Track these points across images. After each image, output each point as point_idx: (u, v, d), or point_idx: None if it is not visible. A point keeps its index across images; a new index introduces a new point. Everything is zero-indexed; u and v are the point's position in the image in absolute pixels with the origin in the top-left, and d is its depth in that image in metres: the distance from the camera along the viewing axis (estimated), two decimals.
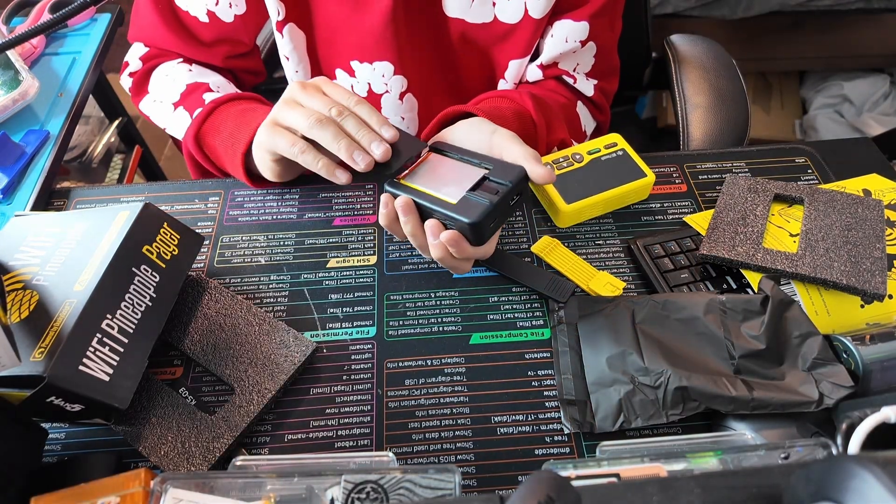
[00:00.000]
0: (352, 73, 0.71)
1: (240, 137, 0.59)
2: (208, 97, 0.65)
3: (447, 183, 0.51)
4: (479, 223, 0.47)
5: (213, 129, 0.62)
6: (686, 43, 0.89)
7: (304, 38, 0.70)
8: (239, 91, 0.67)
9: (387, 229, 0.53)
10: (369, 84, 0.71)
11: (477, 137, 0.54)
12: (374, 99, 0.73)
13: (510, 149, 0.51)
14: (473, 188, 0.50)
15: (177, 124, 0.67)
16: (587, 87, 0.72)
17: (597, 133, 0.79)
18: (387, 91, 0.72)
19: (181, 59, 0.70)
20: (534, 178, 0.49)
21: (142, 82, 0.71)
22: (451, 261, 0.51)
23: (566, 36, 0.67)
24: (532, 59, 0.70)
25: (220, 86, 0.69)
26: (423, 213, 0.51)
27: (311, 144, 0.52)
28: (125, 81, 0.73)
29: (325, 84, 0.54)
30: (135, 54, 0.71)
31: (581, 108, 0.73)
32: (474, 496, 0.32)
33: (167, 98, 0.68)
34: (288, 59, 0.70)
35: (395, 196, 0.51)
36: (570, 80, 0.71)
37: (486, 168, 0.51)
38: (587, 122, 0.75)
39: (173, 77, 0.68)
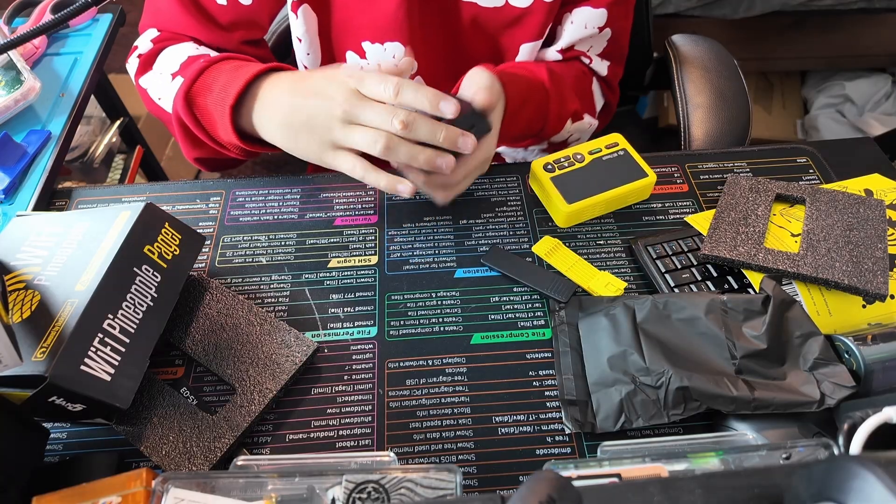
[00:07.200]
0: (363, 54, 0.71)
1: (230, 91, 0.57)
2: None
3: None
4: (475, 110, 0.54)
5: (204, 89, 0.59)
6: (687, 43, 0.89)
7: (317, 20, 0.70)
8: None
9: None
10: (379, 66, 0.71)
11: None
12: None
13: (472, 73, 0.58)
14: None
15: (171, 94, 0.63)
16: (601, 66, 0.76)
17: (605, 111, 0.81)
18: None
19: (192, 43, 0.69)
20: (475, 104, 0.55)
21: (148, 62, 0.68)
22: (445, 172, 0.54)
23: (585, 23, 0.70)
24: (546, 44, 0.73)
25: None
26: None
27: (371, 160, 0.54)
28: (131, 63, 0.70)
29: (363, 83, 0.54)
30: (146, 37, 0.69)
31: (594, 85, 0.77)
32: (475, 496, 0.32)
33: (167, 69, 0.65)
34: (300, 40, 0.70)
35: None
36: (587, 61, 0.75)
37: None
38: (598, 99, 0.78)
39: (177, 52, 0.66)
